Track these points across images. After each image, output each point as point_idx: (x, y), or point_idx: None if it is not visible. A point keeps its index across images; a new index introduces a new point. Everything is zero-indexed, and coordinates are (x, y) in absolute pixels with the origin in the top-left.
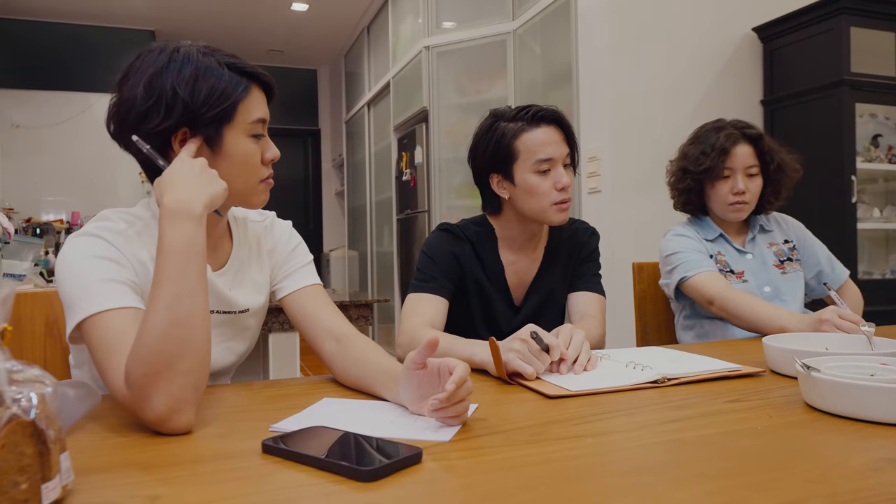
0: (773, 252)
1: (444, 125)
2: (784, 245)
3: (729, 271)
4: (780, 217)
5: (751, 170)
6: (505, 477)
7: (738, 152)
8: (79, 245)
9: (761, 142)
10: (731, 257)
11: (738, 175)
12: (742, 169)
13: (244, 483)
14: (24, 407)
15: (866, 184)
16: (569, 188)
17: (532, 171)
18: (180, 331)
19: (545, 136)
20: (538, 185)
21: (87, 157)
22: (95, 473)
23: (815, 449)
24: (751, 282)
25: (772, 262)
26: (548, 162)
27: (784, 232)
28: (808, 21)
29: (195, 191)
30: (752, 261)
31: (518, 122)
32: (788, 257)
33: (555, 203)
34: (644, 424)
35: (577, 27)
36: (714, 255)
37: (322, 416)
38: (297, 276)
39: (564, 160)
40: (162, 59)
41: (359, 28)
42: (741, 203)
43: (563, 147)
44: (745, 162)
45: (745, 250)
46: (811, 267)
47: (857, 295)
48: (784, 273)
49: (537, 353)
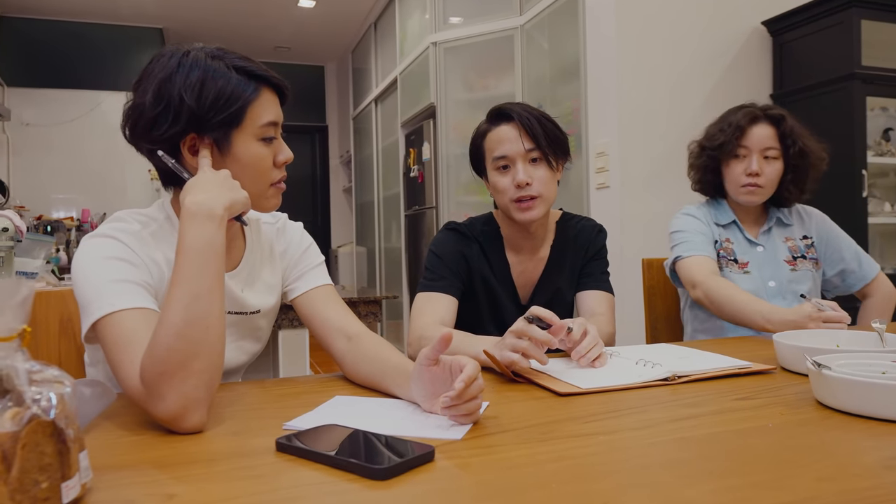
0: (788, 247)
1: (452, 121)
2: (801, 241)
3: (732, 260)
4: (804, 210)
5: (768, 152)
6: (517, 475)
7: (755, 132)
8: (93, 246)
9: (783, 123)
10: (739, 246)
11: (754, 156)
12: (759, 150)
13: (259, 481)
14: (44, 407)
15: (877, 178)
16: (531, 185)
17: (493, 168)
18: (196, 330)
19: (502, 134)
20: (498, 183)
21: (96, 155)
22: (112, 472)
23: (825, 447)
24: (755, 274)
25: (783, 257)
26: (503, 159)
27: (805, 227)
28: (818, 14)
29: (217, 194)
30: (762, 253)
31: (486, 122)
32: (802, 254)
33: (513, 200)
34: (654, 422)
35: (585, 22)
36: (720, 241)
37: (334, 413)
38: (308, 276)
39: (527, 156)
40: (171, 64)
41: (366, 24)
42: (754, 185)
43: (520, 143)
44: (762, 143)
45: (758, 242)
46: (834, 264)
47: (888, 291)
48: (794, 270)
49: (533, 340)
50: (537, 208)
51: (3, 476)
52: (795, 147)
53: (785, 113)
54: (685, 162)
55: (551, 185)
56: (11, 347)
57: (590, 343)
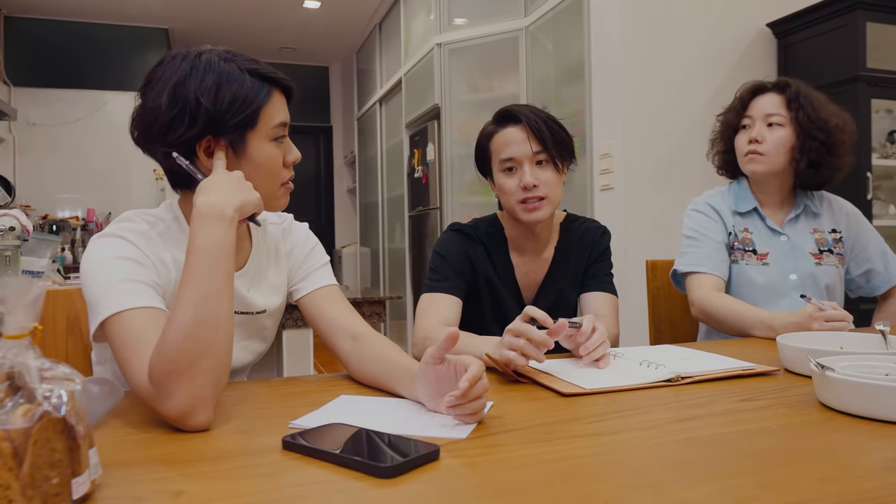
0: (815, 239)
1: (456, 122)
2: (830, 234)
3: (750, 251)
4: (836, 201)
5: (772, 118)
6: (521, 474)
7: (759, 101)
8: (102, 246)
9: (788, 88)
10: (759, 236)
11: (757, 123)
12: (762, 117)
13: (266, 479)
14: (55, 404)
15: (882, 180)
16: (538, 187)
17: (500, 170)
18: (205, 330)
19: (509, 136)
20: (504, 184)
21: (101, 155)
22: (121, 468)
23: (828, 448)
24: (774, 266)
25: (809, 249)
26: (510, 161)
27: (834, 219)
28: (823, 16)
29: (229, 195)
30: (786, 244)
31: (492, 123)
32: (829, 248)
33: (520, 202)
34: (658, 423)
35: (590, 23)
36: (736, 232)
37: (340, 413)
38: (313, 277)
39: (533, 158)
40: (184, 67)
41: (371, 25)
42: (754, 153)
43: (527, 146)
44: (764, 109)
45: (782, 231)
46: (860, 263)
47: None
48: (819, 264)
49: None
50: (543, 209)
51: (14, 472)
52: (804, 111)
53: (791, 80)
54: (689, 163)
55: (557, 187)
56: (23, 345)
57: (598, 340)
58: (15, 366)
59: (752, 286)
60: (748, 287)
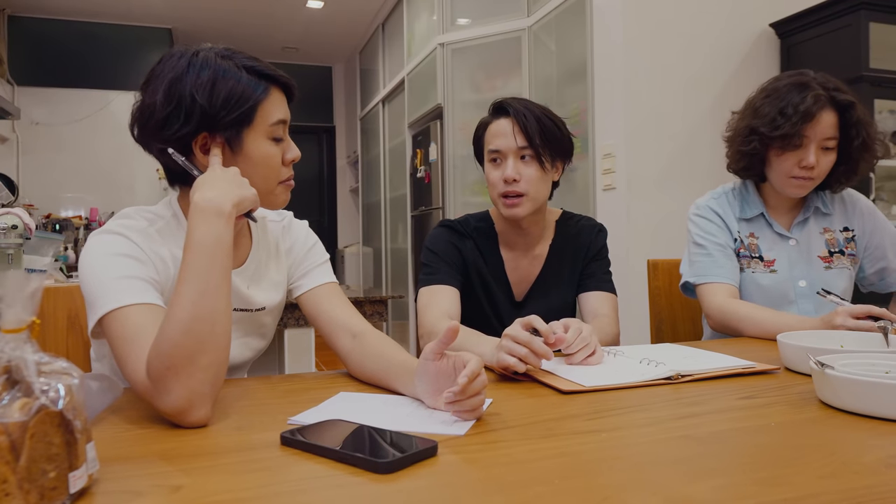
0: (825, 240)
1: (459, 122)
2: (841, 234)
3: (757, 258)
4: (849, 197)
5: (828, 142)
6: (520, 470)
7: (821, 120)
8: (100, 242)
9: (851, 112)
10: (765, 242)
11: (812, 146)
12: (818, 140)
13: (264, 474)
14: (53, 398)
15: (885, 181)
16: (518, 182)
17: (487, 160)
18: (203, 326)
19: (498, 128)
20: (489, 175)
21: (105, 155)
22: (119, 463)
23: (828, 445)
24: (782, 273)
25: (818, 252)
26: (496, 153)
27: (847, 216)
28: (826, 16)
29: (226, 191)
30: (794, 248)
31: (488, 114)
32: (840, 249)
33: (501, 195)
34: (657, 420)
35: (593, 23)
36: (742, 238)
37: (339, 409)
38: (313, 274)
39: (518, 153)
40: (181, 64)
41: (374, 25)
42: (807, 179)
43: (513, 139)
44: (824, 133)
45: (790, 235)
46: (875, 261)
47: None
48: (829, 268)
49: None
50: (522, 206)
51: (11, 465)
52: (859, 139)
53: (854, 99)
54: (691, 163)
55: (540, 184)
56: (21, 339)
57: (572, 336)
58: (12, 359)
59: (760, 294)
60: (755, 295)
